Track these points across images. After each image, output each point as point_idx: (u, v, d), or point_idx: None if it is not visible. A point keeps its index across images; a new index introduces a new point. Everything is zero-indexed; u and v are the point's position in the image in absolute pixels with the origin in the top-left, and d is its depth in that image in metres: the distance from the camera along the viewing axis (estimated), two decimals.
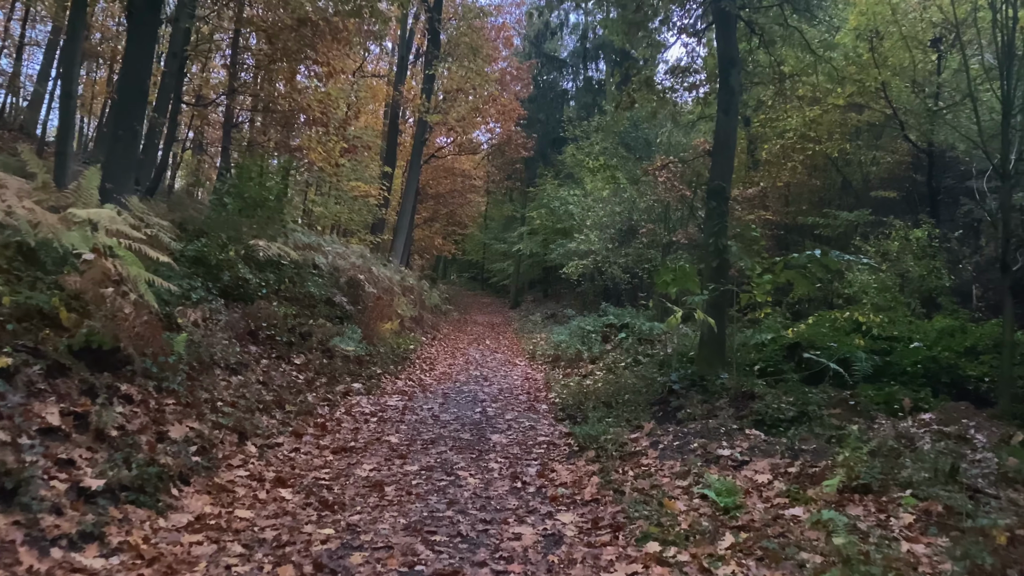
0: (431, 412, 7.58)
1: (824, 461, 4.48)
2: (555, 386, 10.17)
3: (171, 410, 4.88)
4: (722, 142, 7.91)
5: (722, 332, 7.54)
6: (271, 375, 7.32)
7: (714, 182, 7.76)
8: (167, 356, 5.32)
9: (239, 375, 6.73)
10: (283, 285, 9.88)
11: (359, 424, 6.80)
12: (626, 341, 13.95)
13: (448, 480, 4.88)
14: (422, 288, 19.42)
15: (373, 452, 5.65)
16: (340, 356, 9.31)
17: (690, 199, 15.21)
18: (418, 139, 24.27)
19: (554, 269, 29.06)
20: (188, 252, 8.43)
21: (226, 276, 8.55)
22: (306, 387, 7.66)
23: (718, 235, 7.43)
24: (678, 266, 7.77)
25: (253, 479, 4.54)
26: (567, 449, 5.78)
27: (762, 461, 4.60)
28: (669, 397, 7.40)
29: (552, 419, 7.70)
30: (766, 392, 7.06)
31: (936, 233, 10.77)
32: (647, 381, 7.95)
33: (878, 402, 6.72)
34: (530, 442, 6.21)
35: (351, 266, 12.64)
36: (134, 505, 3.54)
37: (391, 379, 9.89)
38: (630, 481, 4.59)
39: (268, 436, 5.56)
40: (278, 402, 6.64)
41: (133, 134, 7.35)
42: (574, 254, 22.14)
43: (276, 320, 8.55)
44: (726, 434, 5.16)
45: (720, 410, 6.82)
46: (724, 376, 7.34)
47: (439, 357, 13.75)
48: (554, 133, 35.20)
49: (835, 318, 8.96)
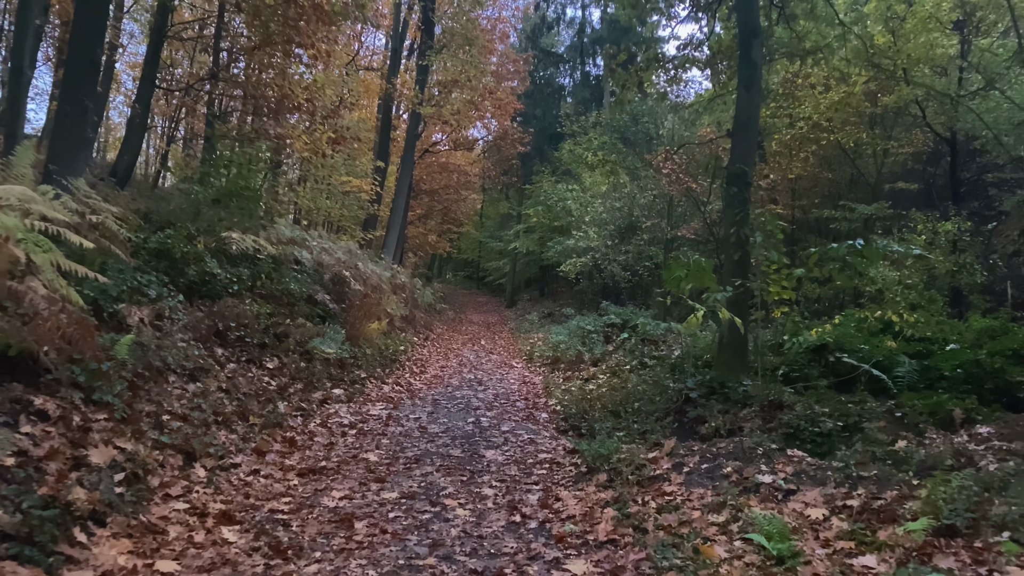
0: (418, 423, 6.76)
1: (890, 491, 3.68)
2: (555, 391, 9.37)
3: (100, 428, 4.05)
4: (743, 121, 7.11)
5: (744, 333, 6.74)
6: (237, 381, 6.49)
7: (735, 166, 6.94)
8: (102, 362, 4.49)
9: (198, 382, 5.90)
10: (259, 281, 9.05)
11: (334, 438, 5.97)
12: (629, 341, 13.18)
13: (432, 512, 4.06)
14: (414, 286, 18.58)
15: (347, 474, 4.82)
16: (320, 359, 8.48)
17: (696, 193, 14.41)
18: (411, 132, 23.45)
19: (551, 268, 28.34)
20: (150, 244, 7.61)
21: (192, 271, 7.72)
22: (278, 394, 6.83)
23: (740, 225, 6.62)
24: (692, 260, 6.94)
25: (193, 513, 3.71)
26: (573, 470, 4.96)
27: (812, 490, 3.80)
28: (685, 406, 6.59)
29: (553, 430, 6.89)
30: (796, 401, 6.26)
31: (967, 226, 9.99)
32: (659, 388, 7.14)
33: (922, 412, 5.94)
34: (530, 460, 5.40)
35: (336, 261, 11.80)
36: (16, 561, 2.71)
37: (376, 384, 9.07)
38: (653, 516, 3.78)
39: (222, 456, 4.73)
40: (242, 413, 5.81)
41: (82, 110, 6.51)
42: (572, 251, 21.37)
43: (247, 319, 7.71)
44: (764, 456, 4.35)
45: (744, 421, 6.03)
46: (747, 383, 6.54)
47: (431, 359, 12.93)
48: (551, 129, 34.48)
49: (864, 317, 8.16)
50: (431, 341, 15.49)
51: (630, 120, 27.66)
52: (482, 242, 37.91)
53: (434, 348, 14.60)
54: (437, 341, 15.84)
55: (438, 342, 15.76)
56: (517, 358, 14.14)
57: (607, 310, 15.67)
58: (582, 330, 14.78)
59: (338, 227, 24.78)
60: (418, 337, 14.93)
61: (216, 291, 7.92)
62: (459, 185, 32.75)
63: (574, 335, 14.81)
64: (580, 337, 14.37)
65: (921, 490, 3.65)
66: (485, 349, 15.41)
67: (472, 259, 41.94)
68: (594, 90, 37.47)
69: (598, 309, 17.79)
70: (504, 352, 15.11)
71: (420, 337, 15.13)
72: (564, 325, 17.29)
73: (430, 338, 15.88)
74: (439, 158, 31.21)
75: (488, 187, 38.38)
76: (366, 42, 29.05)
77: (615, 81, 9.46)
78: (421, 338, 15.10)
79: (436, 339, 16.18)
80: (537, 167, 32.11)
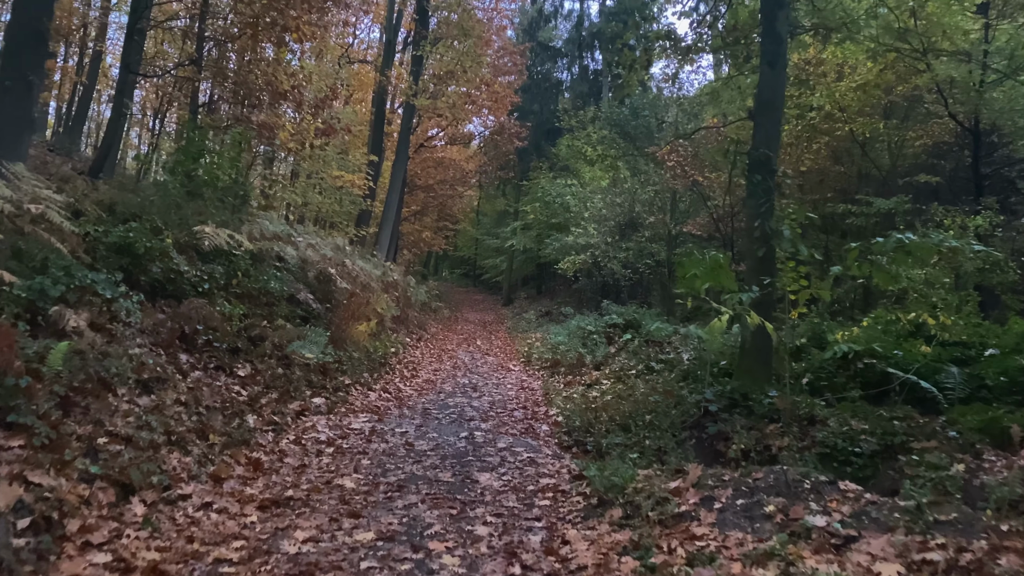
0: (404, 438, 6.05)
1: (976, 540, 2.99)
2: (556, 399, 8.66)
3: (9, 459, 3.34)
4: (767, 101, 6.40)
5: (768, 338, 6.05)
6: (201, 392, 5.76)
7: (758, 150, 6.24)
8: (21, 376, 3.77)
9: (152, 394, 5.18)
10: (235, 280, 8.32)
11: (308, 458, 5.26)
12: (632, 343, 12.50)
13: (414, 560, 3.35)
14: (407, 284, 17.84)
15: (316, 506, 4.11)
16: (299, 364, 7.77)
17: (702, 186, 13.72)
18: (405, 125, 22.73)
19: (548, 265, 27.68)
20: (110, 238, 6.89)
21: (156, 268, 7.00)
22: (248, 406, 6.11)
23: (764, 217, 5.93)
24: (709, 257, 6.23)
25: (115, 569, 3.00)
26: (581, 501, 4.25)
27: (878, 538, 3.10)
28: (704, 420, 5.91)
29: (556, 446, 6.19)
30: (829, 415, 5.58)
31: (999, 220, 9.30)
32: (675, 398, 6.43)
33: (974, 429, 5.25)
34: (530, 486, 4.69)
35: (322, 258, 11.07)
36: None
37: (362, 391, 8.36)
38: (683, 568, 3.08)
39: (168, 486, 4.01)
40: (201, 430, 5.10)
41: (26, 86, 5.78)
42: (571, 248, 20.69)
43: (217, 321, 6.99)
44: (813, 490, 3.65)
45: (772, 439, 5.34)
46: (773, 393, 5.85)
47: (423, 361, 12.22)
48: (548, 124, 33.87)
49: (894, 319, 7.47)
50: (424, 342, 14.78)
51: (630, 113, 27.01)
52: (478, 239, 37.29)
53: (427, 349, 13.89)
54: (431, 341, 15.13)
55: (432, 342, 15.05)
56: (514, 360, 13.44)
57: (608, 309, 14.97)
58: (582, 330, 14.09)
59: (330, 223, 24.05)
60: (410, 338, 14.22)
61: (183, 290, 7.20)
62: (455, 181, 32.03)
63: (574, 336, 14.12)
64: (580, 338, 13.69)
65: (1015, 538, 2.96)
66: (481, 350, 14.71)
67: (468, 257, 41.30)
68: (592, 85, 36.80)
69: (598, 308, 17.10)
70: (501, 353, 14.41)
71: (413, 338, 14.42)
72: (563, 325, 16.60)
73: (423, 338, 15.16)
74: (435, 153, 30.49)
75: (485, 183, 37.72)
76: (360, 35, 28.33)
77: (622, 61, 8.74)
78: (414, 339, 14.39)
79: (430, 339, 15.46)
80: (534, 163, 31.48)
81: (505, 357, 13.85)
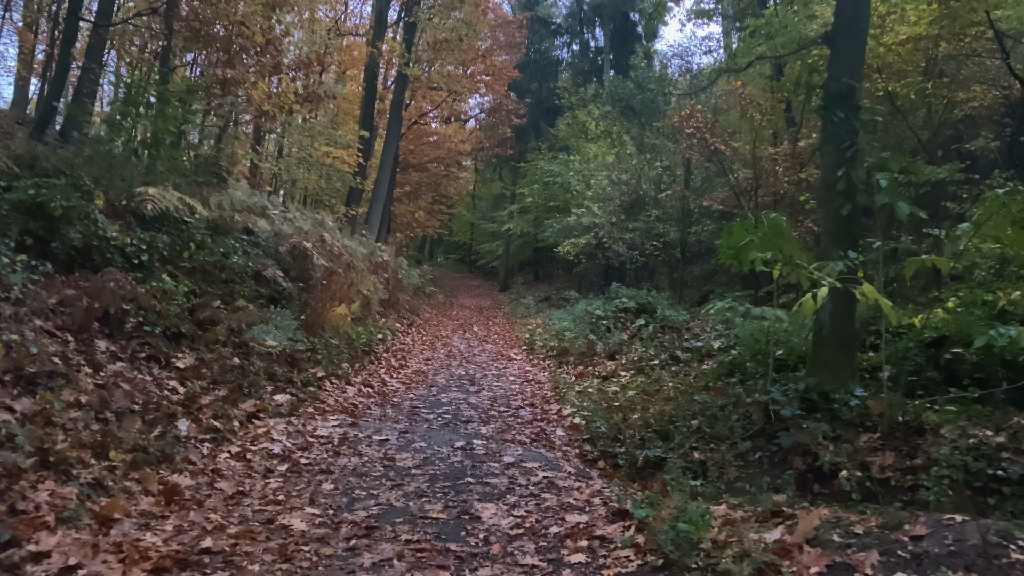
0: (384, 449, 4.69)
1: None
2: (569, 394, 7.33)
3: None
4: (849, 19, 5.03)
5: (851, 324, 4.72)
6: (118, 389, 4.41)
7: (839, 81, 4.87)
8: None
9: (36, 394, 3.82)
10: (187, 252, 6.94)
11: (252, 480, 3.91)
12: (646, 329, 11.22)
13: None
14: (399, 265, 16.42)
15: (243, 564, 2.77)
16: (261, 354, 6.41)
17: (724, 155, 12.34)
18: (397, 97, 21.26)
19: (546, 250, 26.35)
20: (15, 195, 5.51)
21: (75, 233, 5.61)
22: (183, 408, 4.75)
23: (849, 164, 4.58)
24: (769, 219, 4.86)
25: None
26: (633, 556, 2.89)
27: None
28: (770, 427, 4.58)
29: (578, 460, 4.85)
30: (940, 421, 4.26)
31: None
32: (727, 397, 5.09)
33: None
34: (554, 526, 3.34)
35: (296, 231, 9.68)
36: None
37: (339, 385, 7.01)
38: None
39: (10, 543, 2.65)
40: (101, 443, 3.74)
41: None
42: (572, 230, 19.31)
43: (152, 300, 5.62)
44: (999, 547, 2.32)
45: (870, 455, 4.02)
46: (859, 392, 4.53)
47: (415, 349, 10.89)
48: (547, 103, 32.50)
49: (990, 300, 6.15)
50: (416, 328, 13.43)
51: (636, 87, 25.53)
52: (474, 224, 35.94)
53: (419, 336, 12.55)
54: (424, 327, 13.78)
55: (425, 328, 13.70)
56: (516, 348, 12.11)
57: (618, 292, 13.61)
58: (590, 315, 12.76)
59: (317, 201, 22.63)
60: (401, 323, 12.87)
61: (112, 261, 5.83)
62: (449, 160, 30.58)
63: (580, 321, 12.81)
64: (588, 324, 12.37)
65: None
66: (478, 337, 13.37)
67: (464, 242, 39.92)
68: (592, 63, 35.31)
69: (606, 292, 15.75)
70: (500, 341, 13.07)
71: (403, 323, 13.07)
72: (566, 310, 15.28)
73: (415, 324, 13.82)
74: (429, 133, 29.02)
75: (481, 167, 36.33)
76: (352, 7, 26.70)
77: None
78: (404, 324, 13.04)
79: (423, 325, 14.12)
80: (532, 144, 30.06)
81: (505, 345, 12.52)
